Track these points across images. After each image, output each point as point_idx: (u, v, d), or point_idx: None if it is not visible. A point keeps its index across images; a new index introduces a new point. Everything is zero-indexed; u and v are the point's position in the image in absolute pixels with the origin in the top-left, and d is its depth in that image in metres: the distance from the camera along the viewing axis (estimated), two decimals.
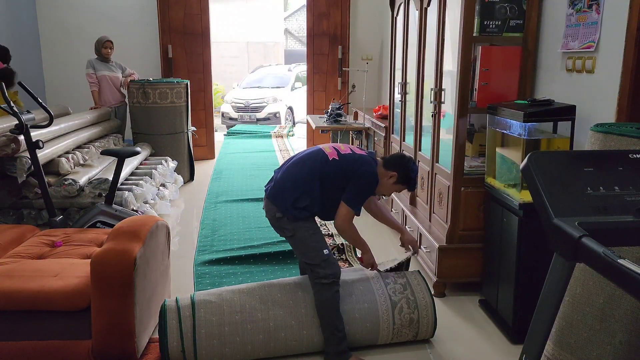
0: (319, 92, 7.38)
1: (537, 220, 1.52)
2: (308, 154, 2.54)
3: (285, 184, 2.46)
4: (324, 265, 2.39)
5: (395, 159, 2.55)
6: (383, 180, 2.49)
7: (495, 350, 2.62)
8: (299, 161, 2.51)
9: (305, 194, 2.41)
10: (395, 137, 4.48)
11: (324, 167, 2.43)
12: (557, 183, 1.47)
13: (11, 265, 2.45)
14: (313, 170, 2.43)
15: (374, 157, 2.53)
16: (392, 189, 2.55)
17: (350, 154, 2.49)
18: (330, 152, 2.48)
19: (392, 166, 2.50)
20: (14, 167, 3.53)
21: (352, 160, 2.45)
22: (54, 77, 7.00)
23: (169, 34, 6.96)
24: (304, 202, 2.40)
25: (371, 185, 2.46)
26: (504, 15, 2.89)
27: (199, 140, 7.14)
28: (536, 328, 1.50)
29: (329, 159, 2.44)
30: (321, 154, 2.48)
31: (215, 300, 2.46)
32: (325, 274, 2.38)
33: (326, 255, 2.41)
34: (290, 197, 2.41)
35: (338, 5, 7.01)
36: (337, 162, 2.44)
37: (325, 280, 2.38)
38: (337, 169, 2.43)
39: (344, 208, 2.41)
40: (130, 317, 2.27)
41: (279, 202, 2.44)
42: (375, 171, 2.46)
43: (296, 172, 2.47)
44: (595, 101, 2.50)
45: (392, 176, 2.49)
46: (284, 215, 2.42)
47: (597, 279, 1.88)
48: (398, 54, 4.30)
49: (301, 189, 2.42)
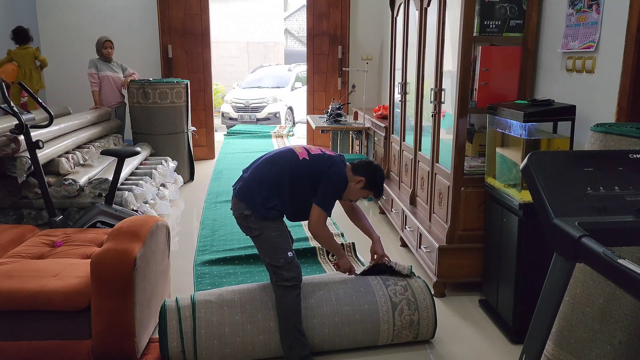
0: (319, 92, 7.38)
1: (537, 220, 1.52)
2: (278, 153, 2.53)
3: (254, 182, 2.44)
4: (288, 267, 2.36)
5: (363, 165, 2.54)
6: (350, 184, 2.48)
7: (495, 350, 2.62)
8: (269, 160, 2.49)
9: (274, 194, 2.40)
10: (395, 137, 4.48)
11: (294, 166, 2.42)
12: (557, 183, 1.47)
13: (11, 265, 2.45)
14: (283, 170, 2.42)
15: (343, 159, 2.53)
16: (359, 194, 2.54)
17: (320, 154, 2.48)
18: (301, 152, 2.46)
19: (360, 171, 2.50)
20: (14, 167, 3.53)
21: (322, 161, 2.44)
22: (54, 77, 7.00)
23: (169, 34, 6.96)
24: (273, 202, 2.39)
25: (341, 187, 2.45)
26: (504, 15, 2.89)
27: (199, 140, 7.14)
28: (536, 328, 1.50)
29: (299, 159, 2.43)
30: (291, 154, 2.47)
31: (215, 301, 2.46)
32: (289, 276, 2.36)
33: (290, 257, 2.38)
34: (259, 196, 2.39)
35: (338, 5, 7.01)
36: (307, 162, 2.43)
37: (288, 283, 2.35)
38: (307, 169, 2.42)
39: (316, 210, 2.40)
40: (130, 317, 2.27)
41: (247, 200, 2.42)
42: (344, 173, 2.45)
43: (266, 171, 2.45)
44: (595, 101, 2.50)
45: (360, 181, 2.48)
46: (252, 213, 2.40)
47: (597, 279, 1.88)
48: (398, 54, 4.30)
49: (270, 188, 2.40)
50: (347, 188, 2.48)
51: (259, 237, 2.42)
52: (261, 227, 2.40)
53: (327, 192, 2.41)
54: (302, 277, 2.45)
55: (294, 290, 2.37)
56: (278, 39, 20.80)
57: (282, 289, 2.37)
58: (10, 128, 3.44)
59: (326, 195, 2.41)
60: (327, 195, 2.42)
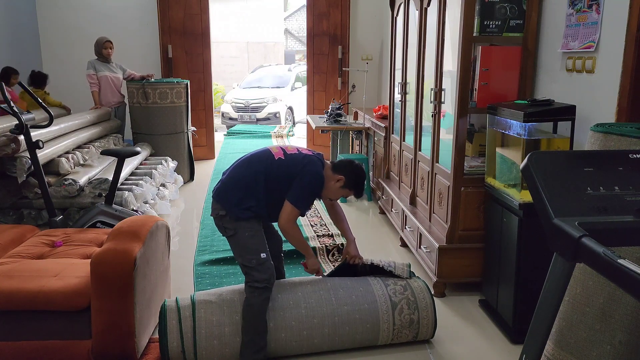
0: (319, 92, 7.38)
1: (537, 220, 1.52)
2: (254, 153, 2.52)
3: (230, 183, 2.44)
4: (260, 268, 2.35)
5: (344, 164, 2.53)
6: (330, 183, 2.47)
7: (495, 350, 2.62)
8: (245, 161, 2.49)
9: (250, 194, 2.38)
10: (395, 137, 4.48)
11: (270, 166, 2.41)
12: (557, 183, 1.47)
13: (11, 265, 2.45)
14: (258, 170, 2.41)
15: (322, 158, 2.52)
16: (338, 193, 2.52)
17: (296, 153, 2.47)
18: (277, 152, 2.45)
19: (340, 170, 2.48)
20: (14, 167, 3.53)
21: (297, 160, 2.43)
22: (54, 77, 6.98)
23: (169, 34, 6.96)
24: (248, 203, 2.38)
25: (316, 185, 2.43)
26: (504, 15, 2.89)
27: (199, 140, 7.14)
28: (536, 328, 1.50)
29: (275, 159, 2.43)
30: (267, 154, 2.46)
31: (215, 301, 2.46)
32: (260, 277, 2.34)
33: (263, 259, 2.36)
34: (234, 196, 2.39)
35: (338, 5, 7.01)
36: (282, 162, 2.42)
37: (258, 285, 2.34)
38: (282, 168, 2.41)
39: (288, 206, 2.38)
40: (130, 317, 2.27)
41: (223, 200, 2.41)
42: (320, 172, 2.43)
43: (242, 172, 2.45)
44: (595, 101, 2.50)
45: (340, 180, 2.47)
46: (227, 213, 2.39)
47: (597, 279, 1.88)
48: (398, 54, 4.30)
49: (246, 188, 2.39)
50: (327, 187, 2.47)
51: (233, 237, 2.41)
52: (235, 227, 2.39)
53: (301, 190, 2.39)
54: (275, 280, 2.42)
55: (263, 292, 2.35)
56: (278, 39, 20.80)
57: (251, 290, 2.35)
58: (10, 128, 3.44)
59: (300, 193, 2.39)
60: (301, 193, 2.39)
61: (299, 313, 2.46)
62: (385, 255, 3.91)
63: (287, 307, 2.47)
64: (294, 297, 2.51)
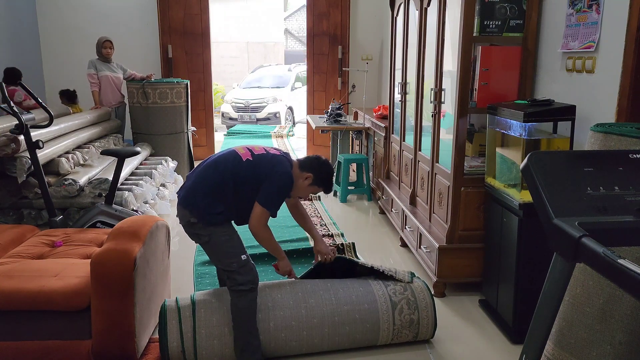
0: (319, 92, 7.38)
1: (537, 220, 1.52)
2: (220, 155, 2.46)
3: (197, 188, 2.36)
4: (242, 271, 2.32)
5: (310, 160, 2.48)
6: (298, 181, 2.43)
7: (495, 350, 2.62)
8: (212, 164, 2.42)
9: (218, 199, 2.33)
10: (395, 137, 4.48)
11: (237, 168, 2.35)
12: (557, 183, 1.47)
13: (11, 265, 2.45)
14: (225, 173, 2.35)
15: (289, 157, 2.48)
16: (307, 190, 2.48)
17: (264, 154, 2.42)
18: (244, 153, 2.40)
19: (308, 167, 2.44)
20: (14, 167, 3.53)
21: (265, 161, 2.38)
22: (54, 77, 7.00)
23: (169, 34, 6.96)
24: (217, 208, 2.33)
25: (286, 186, 2.38)
26: (504, 15, 2.89)
27: (199, 140, 7.14)
28: (536, 328, 1.50)
29: (242, 160, 2.37)
30: (234, 155, 2.40)
31: (215, 301, 2.46)
32: (243, 280, 2.31)
33: (244, 260, 2.34)
34: (202, 202, 2.32)
35: (338, 5, 7.01)
36: (250, 163, 2.37)
37: (243, 287, 2.31)
38: (250, 169, 2.35)
39: (258, 208, 2.33)
40: (130, 317, 2.27)
41: (191, 207, 2.34)
42: (289, 171, 2.39)
43: (208, 175, 2.38)
44: (595, 101, 2.50)
45: (308, 177, 2.43)
46: (199, 221, 2.33)
47: (597, 279, 1.88)
48: (398, 54, 4.30)
49: (214, 193, 2.33)
50: (295, 185, 2.42)
51: (208, 244, 2.37)
52: (209, 233, 2.34)
53: (270, 191, 2.34)
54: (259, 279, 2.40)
55: (249, 293, 2.33)
56: (278, 39, 20.80)
57: (237, 293, 2.33)
58: (10, 128, 3.44)
59: (269, 195, 2.34)
60: (271, 194, 2.34)
61: (299, 313, 2.46)
62: (385, 255, 3.91)
63: (287, 307, 2.47)
64: (294, 297, 2.51)
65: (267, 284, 2.59)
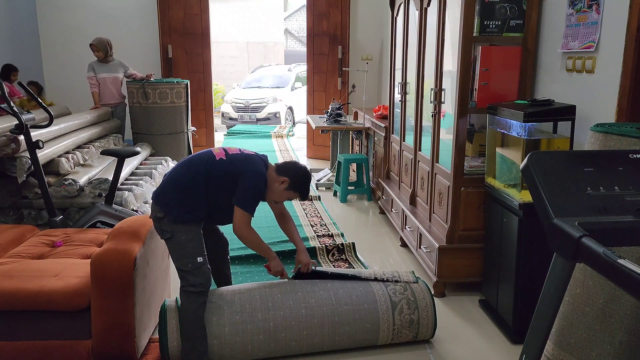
0: (319, 92, 7.38)
1: (537, 220, 1.52)
2: (196, 155, 2.46)
3: (169, 184, 2.39)
4: (196, 272, 2.30)
5: (288, 165, 2.48)
6: (274, 185, 2.41)
7: (495, 350, 2.62)
8: (186, 162, 2.43)
9: (188, 196, 2.33)
10: (395, 137, 4.48)
11: (210, 167, 2.35)
12: (557, 183, 1.47)
13: (11, 265, 2.45)
14: (198, 172, 2.35)
15: (265, 159, 2.46)
16: (283, 195, 2.46)
17: (238, 154, 2.42)
18: (218, 153, 2.40)
19: (285, 172, 2.43)
20: (14, 167, 3.53)
21: (238, 160, 2.38)
22: (54, 77, 7.00)
23: (169, 34, 6.96)
24: (188, 205, 2.32)
25: (259, 185, 2.36)
26: (504, 15, 2.89)
27: (199, 140, 7.14)
28: (536, 328, 1.50)
29: (216, 159, 2.37)
30: (208, 155, 2.41)
31: (215, 300, 2.46)
32: (195, 282, 2.30)
33: (199, 263, 2.32)
34: (172, 198, 2.33)
35: (338, 5, 7.01)
36: (223, 162, 2.37)
37: (193, 289, 2.30)
38: (223, 169, 2.35)
39: (237, 211, 2.32)
40: (130, 317, 2.28)
41: (161, 203, 2.35)
42: (262, 170, 2.38)
43: (182, 174, 2.39)
44: (595, 101, 2.50)
45: (284, 182, 2.41)
46: (165, 216, 2.32)
47: (597, 279, 1.88)
48: (398, 54, 4.30)
49: (185, 190, 2.34)
50: (271, 188, 2.41)
51: (170, 240, 2.36)
52: (173, 230, 2.33)
53: (245, 191, 2.32)
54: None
55: (199, 297, 2.32)
56: (278, 39, 20.80)
57: (187, 295, 2.32)
58: (10, 128, 3.44)
59: (244, 195, 2.32)
60: (246, 194, 2.33)
61: (299, 313, 2.46)
62: (385, 255, 3.91)
63: (287, 307, 2.47)
64: (294, 297, 2.51)
65: (266, 284, 2.59)
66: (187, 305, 2.32)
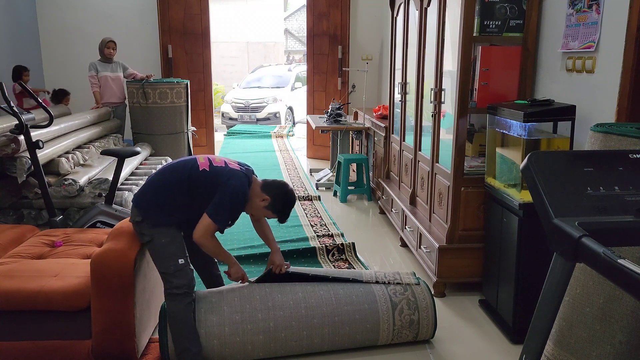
0: (319, 92, 7.38)
1: (537, 220, 1.52)
2: (180, 161, 2.45)
3: (150, 188, 2.38)
4: (178, 275, 2.29)
5: (275, 184, 2.44)
6: (256, 200, 2.39)
7: (495, 350, 2.62)
8: (170, 167, 2.42)
9: (169, 201, 2.33)
10: (395, 137, 4.48)
11: (192, 176, 2.33)
12: (557, 183, 1.47)
13: (11, 265, 2.45)
14: (181, 178, 2.34)
15: (249, 174, 2.41)
16: (262, 212, 2.44)
17: (222, 167, 2.37)
18: (203, 163, 2.37)
19: (269, 190, 2.39)
20: (14, 167, 3.53)
21: (221, 174, 2.33)
22: (54, 77, 6.99)
23: (169, 34, 6.96)
24: (167, 209, 2.32)
25: (237, 201, 2.32)
26: (504, 15, 2.89)
27: (199, 140, 7.14)
28: (536, 328, 1.50)
29: (199, 169, 2.35)
30: (192, 163, 2.39)
31: (215, 300, 2.46)
32: (178, 284, 2.29)
33: (181, 264, 2.30)
34: (152, 202, 2.33)
35: (338, 5, 7.01)
36: (206, 173, 2.34)
37: (177, 291, 2.29)
38: (205, 180, 2.33)
39: (206, 219, 2.27)
40: (130, 317, 2.28)
41: (140, 206, 2.34)
42: (243, 187, 2.33)
43: (164, 178, 2.38)
44: (595, 101, 2.50)
45: (265, 200, 2.38)
46: (144, 220, 2.32)
47: (597, 279, 1.88)
48: (398, 54, 4.30)
49: (165, 195, 2.33)
50: (252, 203, 2.39)
51: (150, 244, 2.34)
52: (152, 233, 2.32)
53: (220, 204, 2.28)
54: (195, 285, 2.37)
55: (184, 298, 2.31)
56: (278, 39, 20.80)
57: (171, 297, 2.31)
58: (10, 128, 3.44)
59: (219, 207, 2.28)
60: (220, 207, 2.28)
61: (299, 313, 2.46)
62: (385, 255, 3.91)
63: (287, 307, 2.47)
64: (294, 297, 2.51)
65: (267, 284, 2.59)
66: (173, 307, 2.31)
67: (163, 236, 2.32)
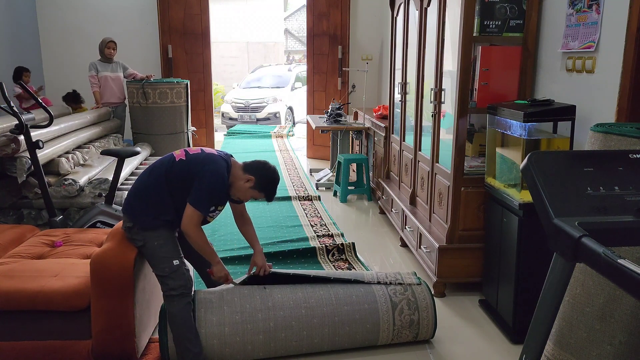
0: (319, 92, 7.38)
1: (537, 220, 1.52)
2: (158, 160, 2.45)
3: (134, 193, 2.38)
4: (174, 276, 2.29)
5: (256, 164, 2.43)
6: (239, 183, 2.37)
7: (495, 350, 2.62)
8: (149, 168, 2.42)
9: (154, 202, 2.32)
10: (395, 137, 4.48)
11: (170, 169, 2.33)
12: (557, 183, 1.47)
13: (11, 265, 2.45)
14: (159, 175, 2.34)
15: (228, 158, 2.40)
16: (248, 193, 2.41)
17: (198, 153, 2.38)
18: (179, 154, 2.38)
19: (251, 170, 2.39)
20: (14, 167, 3.53)
21: (198, 160, 2.34)
22: (54, 77, 7.00)
23: (169, 34, 6.96)
24: (154, 211, 2.31)
25: (216, 185, 2.30)
26: (504, 15, 2.89)
27: (199, 140, 7.14)
28: (536, 328, 1.50)
29: (176, 161, 2.35)
30: (169, 157, 2.39)
31: (215, 300, 2.46)
32: (175, 285, 2.28)
33: (176, 266, 2.30)
34: (138, 206, 2.33)
35: (338, 5, 7.01)
36: (183, 163, 2.34)
37: (174, 292, 2.29)
38: (183, 169, 2.32)
39: (189, 209, 2.26)
40: (130, 317, 2.28)
41: (128, 212, 2.35)
42: (221, 170, 2.32)
43: (145, 180, 2.38)
44: (595, 101, 2.50)
45: (249, 180, 2.36)
46: (134, 225, 2.31)
47: (597, 279, 1.88)
48: (398, 54, 4.30)
49: (149, 196, 2.33)
50: (235, 186, 2.37)
51: (143, 248, 2.34)
52: (143, 237, 2.31)
53: (199, 191, 2.28)
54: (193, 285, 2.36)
55: (182, 299, 2.31)
56: (278, 39, 20.80)
57: (169, 299, 2.31)
58: (10, 128, 3.44)
59: (199, 194, 2.28)
60: (200, 193, 2.28)
61: (299, 313, 2.46)
62: (385, 255, 3.91)
63: (287, 307, 2.47)
64: (294, 297, 2.51)
65: (267, 285, 2.59)
66: (172, 309, 2.31)
67: (155, 239, 2.31)
